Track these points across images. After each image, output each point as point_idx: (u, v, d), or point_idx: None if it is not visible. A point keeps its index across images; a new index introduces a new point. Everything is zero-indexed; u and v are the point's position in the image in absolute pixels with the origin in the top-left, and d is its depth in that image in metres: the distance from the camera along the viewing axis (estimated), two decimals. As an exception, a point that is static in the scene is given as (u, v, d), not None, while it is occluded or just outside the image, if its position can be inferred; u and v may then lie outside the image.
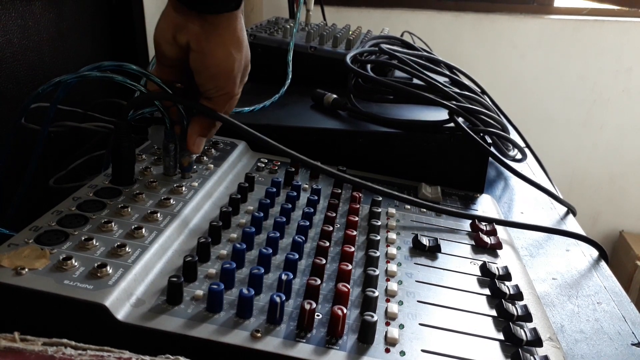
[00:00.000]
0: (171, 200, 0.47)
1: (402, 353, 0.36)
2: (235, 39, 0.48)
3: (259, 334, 0.35)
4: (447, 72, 0.81)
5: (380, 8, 2.11)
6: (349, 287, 0.40)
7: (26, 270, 0.35)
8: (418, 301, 0.43)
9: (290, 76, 0.81)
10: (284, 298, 0.37)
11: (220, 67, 0.47)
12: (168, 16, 0.47)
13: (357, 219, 0.52)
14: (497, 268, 0.48)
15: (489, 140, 0.68)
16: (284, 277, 0.39)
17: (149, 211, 0.45)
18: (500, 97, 1.02)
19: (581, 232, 0.64)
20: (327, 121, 0.70)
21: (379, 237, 0.48)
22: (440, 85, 0.68)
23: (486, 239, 0.53)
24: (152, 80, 0.48)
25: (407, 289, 0.44)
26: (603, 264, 0.61)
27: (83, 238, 0.39)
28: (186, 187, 0.50)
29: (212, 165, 0.56)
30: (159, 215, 0.44)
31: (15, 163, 0.53)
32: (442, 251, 0.50)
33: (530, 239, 0.64)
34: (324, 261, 0.42)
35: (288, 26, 0.91)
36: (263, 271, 0.40)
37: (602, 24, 2.12)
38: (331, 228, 0.48)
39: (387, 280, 0.44)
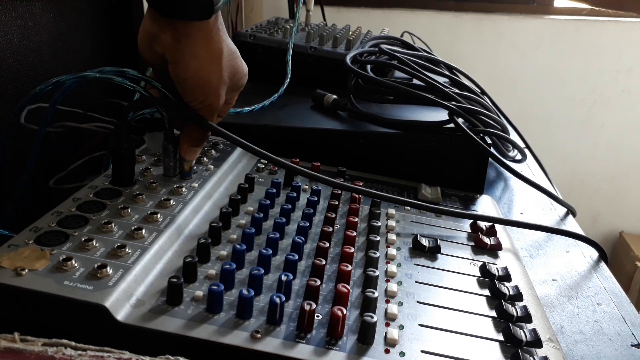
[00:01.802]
0: (171, 201, 0.47)
1: (402, 354, 0.36)
2: (210, 50, 0.45)
3: (258, 335, 0.35)
4: (447, 73, 0.81)
5: (380, 8, 2.11)
6: (348, 287, 0.40)
7: (26, 271, 0.35)
8: (418, 302, 0.43)
9: (289, 76, 0.81)
10: (283, 299, 0.37)
11: (196, 80, 0.45)
12: (144, 25, 0.46)
13: (357, 219, 0.52)
14: (497, 269, 0.48)
15: (489, 141, 0.68)
16: (283, 277, 0.39)
17: (149, 212, 0.45)
18: (500, 97, 1.02)
19: (581, 232, 0.64)
20: (327, 122, 0.70)
21: (378, 238, 0.48)
22: (440, 86, 0.68)
23: (486, 239, 0.53)
24: (153, 85, 0.48)
25: (407, 290, 0.44)
26: (603, 264, 0.61)
27: (83, 239, 0.39)
28: (186, 188, 0.50)
29: (212, 166, 0.56)
30: (159, 216, 0.45)
31: (16, 164, 0.53)
32: (441, 252, 0.50)
33: (530, 240, 0.64)
34: (323, 262, 0.42)
35: (288, 26, 0.91)
36: (263, 272, 0.40)
37: (602, 24, 2.12)
38: (331, 229, 0.48)
39: (387, 281, 0.45)
